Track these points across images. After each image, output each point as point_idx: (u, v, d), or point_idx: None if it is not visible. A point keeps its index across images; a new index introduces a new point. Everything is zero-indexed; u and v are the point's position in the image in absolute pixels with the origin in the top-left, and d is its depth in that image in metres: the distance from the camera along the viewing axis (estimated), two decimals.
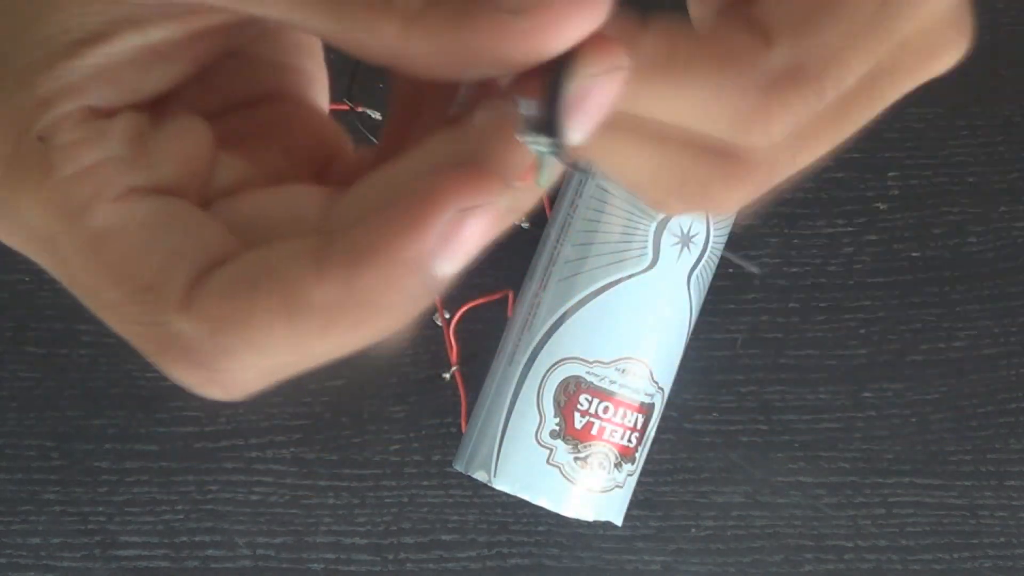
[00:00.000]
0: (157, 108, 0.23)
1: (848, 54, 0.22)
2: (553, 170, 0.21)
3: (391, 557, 0.53)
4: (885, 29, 0.22)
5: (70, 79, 0.21)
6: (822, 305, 0.54)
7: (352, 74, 0.52)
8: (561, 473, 0.47)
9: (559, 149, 0.20)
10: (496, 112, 0.21)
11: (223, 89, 0.25)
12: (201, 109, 0.24)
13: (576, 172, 0.22)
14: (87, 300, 0.22)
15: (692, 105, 0.22)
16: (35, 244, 0.22)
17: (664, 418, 0.51)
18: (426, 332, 0.54)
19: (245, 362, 0.20)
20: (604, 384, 0.48)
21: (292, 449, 0.53)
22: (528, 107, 0.20)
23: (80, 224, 0.21)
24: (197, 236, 0.21)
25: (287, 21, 0.21)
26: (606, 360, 0.48)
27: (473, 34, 0.20)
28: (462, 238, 0.20)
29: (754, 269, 0.48)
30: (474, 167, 0.20)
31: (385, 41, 0.21)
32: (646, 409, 0.49)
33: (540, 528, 0.53)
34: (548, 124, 0.20)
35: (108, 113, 0.22)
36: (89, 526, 0.52)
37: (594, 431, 0.48)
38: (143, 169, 0.22)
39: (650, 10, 0.22)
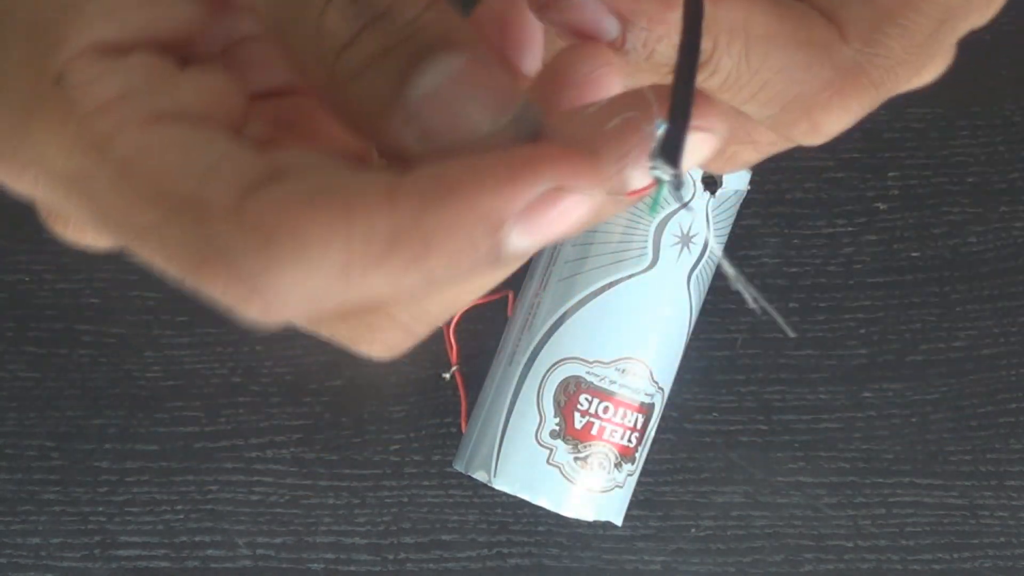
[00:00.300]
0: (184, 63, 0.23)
1: (903, 69, 0.24)
2: (663, 201, 0.21)
3: (391, 557, 0.53)
4: (932, 49, 0.24)
5: (76, 20, 0.21)
6: (822, 305, 0.54)
7: None
8: (561, 473, 0.47)
9: (677, 181, 0.20)
10: (628, 119, 0.20)
11: (251, 73, 0.25)
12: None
13: (681, 208, 0.22)
14: (120, 233, 0.21)
15: (760, 76, 0.23)
16: (62, 187, 0.21)
17: (664, 418, 0.51)
18: None
19: (291, 279, 0.19)
20: (604, 384, 0.48)
21: (292, 449, 0.53)
22: (660, 128, 0.20)
23: (109, 152, 0.20)
24: (239, 154, 0.21)
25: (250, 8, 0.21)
26: (606, 360, 0.48)
27: (382, 133, 0.20)
28: (548, 215, 0.19)
29: (789, 332, 0.49)
30: (588, 151, 0.20)
31: (313, 84, 0.21)
32: (646, 409, 0.49)
33: (540, 528, 0.53)
34: (671, 148, 0.20)
35: (121, 50, 0.21)
36: (89, 526, 0.52)
37: (594, 431, 0.48)
38: (168, 96, 0.21)
39: None
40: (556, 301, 0.48)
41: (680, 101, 0.20)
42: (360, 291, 0.20)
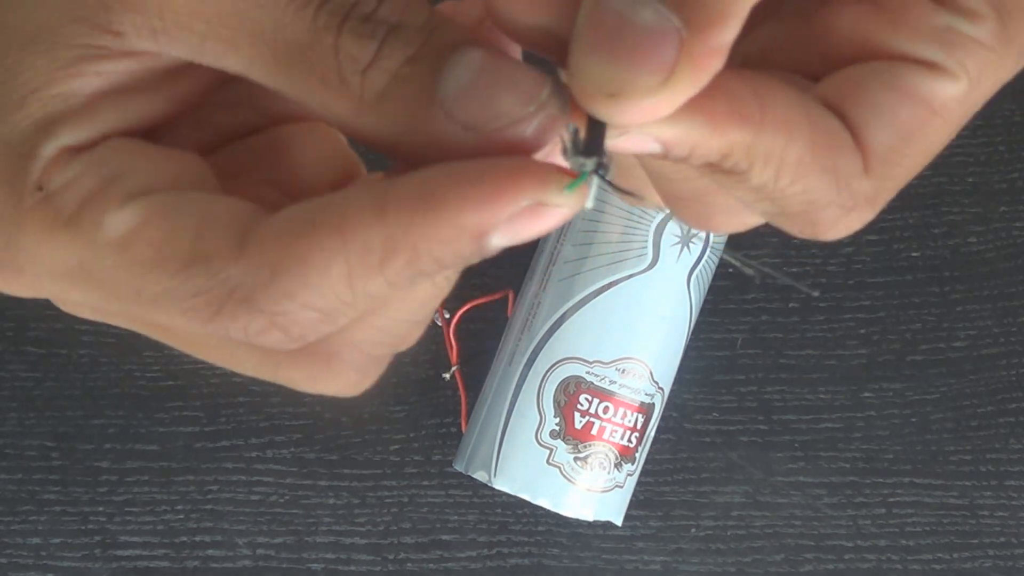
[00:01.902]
0: (153, 137, 0.24)
1: (909, 177, 0.24)
2: (595, 190, 0.21)
3: (391, 557, 0.53)
4: (934, 155, 0.24)
5: (44, 133, 0.22)
6: (822, 305, 0.54)
7: None
8: (561, 473, 0.47)
9: (602, 170, 0.21)
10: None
11: (219, 119, 0.25)
12: (203, 134, 0.25)
13: (617, 194, 0.23)
14: (132, 307, 0.22)
15: (781, 192, 0.23)
16: (65, 281, 0.22)
17: (664, 418, 0.51)
18: (426, 332, 0.53)
19: (303, 302, 0.21)
20: (604, 384, 0.48)
21: (292, 449, 0.53)
22: (573, 129, 0.21)
23: (100, 240, 0.21)
24: (224, 204, 0.22)
25: (244, 75, 0.22)
26: (606, 360, 0.48)
27: (425, 135, 0.21)
28: (530, 223, 0.20)
29: (814, 293, 0.49)
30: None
31: (337, 117, 0.22)
32: (646, 409, 0.49)
33: (540, 528, 0.53)
34: (589, 145, 0.21)
35: (91, 145, 0.22)
36: (89, 526, 0.52)
37: (594, 431, 0.48)
38: (142, 175, 0.22)
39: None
40: (556, 301, 0.48)
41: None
42: (364, 297, 0.21)
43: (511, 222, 0.20)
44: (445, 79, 0.21)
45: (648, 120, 0.20)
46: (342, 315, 0.21)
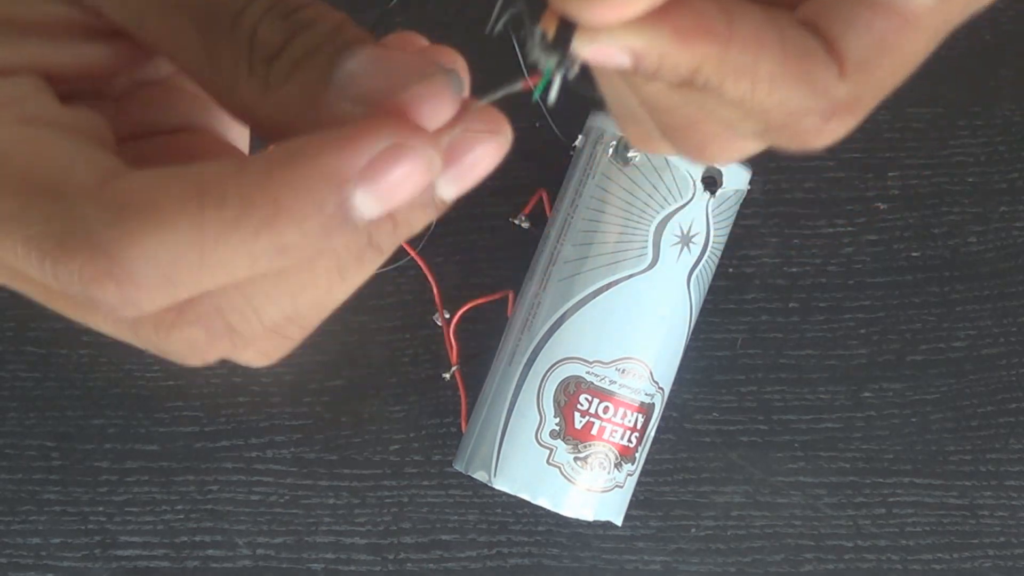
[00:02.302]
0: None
1: (892, 84, 0.25)
2: (557, 87, 0.22)
3: (391, 557, 0.53)
4: (914, 64, 0.25)
5: None
6: (822, 305, 0.54)
7: None
8: (561, 473, 0.47)
9: (566, 65, 0.22)
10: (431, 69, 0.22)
11: (138, 114, 0.26)
12: (120, 124, 0.25)
13: (583, 92, 0.24)
14: None
15: (759, 106, 0.24)
16: None
17: (664, 418, 0.51)
18: (426, 332, 0.54)
19: (146, 251, 0.20)
20: (604, 384, 0.48)
21: (292, 449, 0.53)
22: (541, 32, 0.22)
23: None
24: (103, 153, 0.22)
25: (166, 49, 0.23)
26: (606, 360, 0.48)
27: (318, 115, 0.22)
28: (389, 174, 0.21)
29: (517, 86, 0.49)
30: (412, 113, 0.22)
31: (240, 100, 0.23)
32: (646, 409, 0.49)
33: (540, 528, 0.53)
34: (556, 42, 0.22)
35: (9, 72, 0.23)
36: (89, 526, 0.52)
37: (594, 431, 0.48)
38: (44, 108, 0.23)
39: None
40: (556, 301, 0.48)
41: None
42: (215, 267, 0.21)
43: (371, 172, 0.20)
44: (341, 66, 0.22)
45: (615, 19, 0.21)
46: (188, 281, 0.21)
